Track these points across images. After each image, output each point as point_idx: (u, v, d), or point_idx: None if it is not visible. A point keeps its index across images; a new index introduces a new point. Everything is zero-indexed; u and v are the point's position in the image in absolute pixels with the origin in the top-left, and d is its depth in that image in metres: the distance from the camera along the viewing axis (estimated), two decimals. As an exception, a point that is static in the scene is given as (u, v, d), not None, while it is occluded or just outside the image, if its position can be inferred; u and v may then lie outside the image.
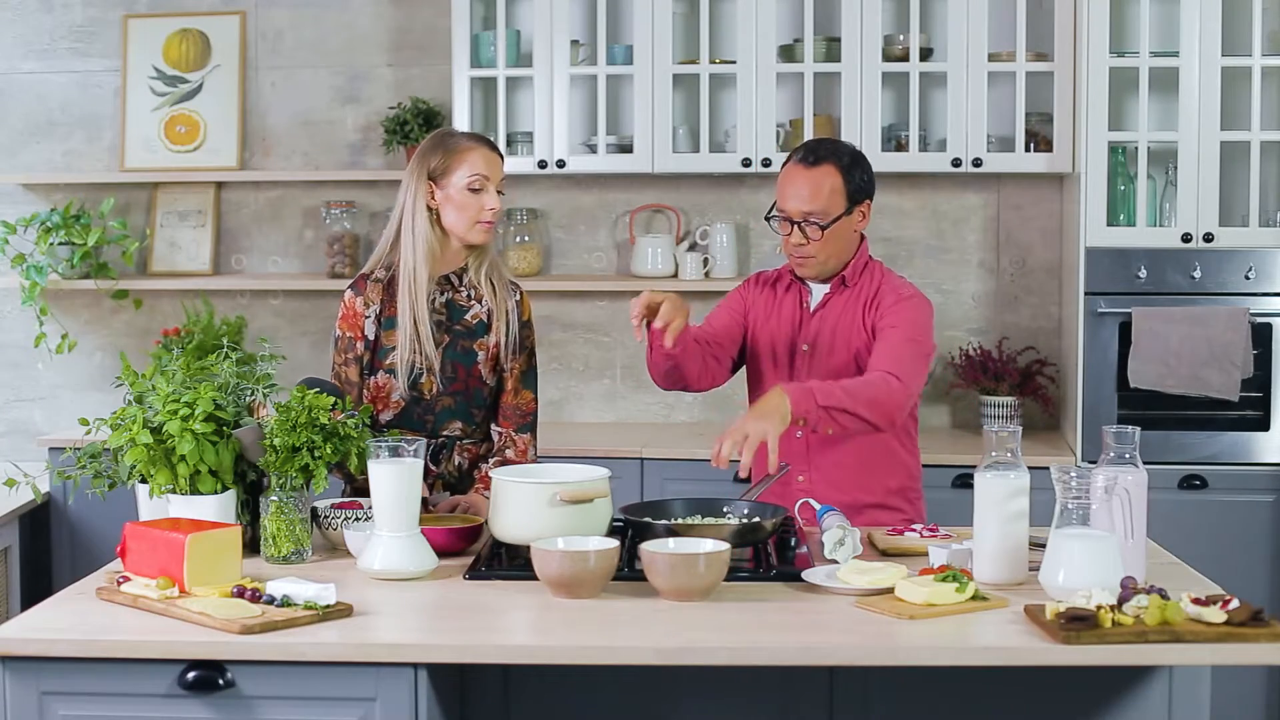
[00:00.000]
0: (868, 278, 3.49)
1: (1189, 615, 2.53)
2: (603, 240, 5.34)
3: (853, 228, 3.46)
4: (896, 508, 3.49)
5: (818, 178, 3.41)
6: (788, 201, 3.43)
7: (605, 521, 3.06)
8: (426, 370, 3.42)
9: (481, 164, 3.41)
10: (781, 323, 3.53)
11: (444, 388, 3.45)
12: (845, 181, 3.42)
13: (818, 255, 3.44)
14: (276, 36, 5.37)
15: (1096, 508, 2.72)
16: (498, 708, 2.95)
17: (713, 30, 4.99)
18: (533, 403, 3.55)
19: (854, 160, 3.46)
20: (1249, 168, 4.66)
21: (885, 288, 3.47)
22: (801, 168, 3.44)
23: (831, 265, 3.47)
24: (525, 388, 3.53)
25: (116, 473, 3.09)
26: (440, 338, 3.45)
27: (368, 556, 2.93)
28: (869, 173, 3.49)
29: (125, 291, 5.32)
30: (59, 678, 2.57)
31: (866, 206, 3.48)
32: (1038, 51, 4.87)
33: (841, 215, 3.42)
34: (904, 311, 3.41)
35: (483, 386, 3.49)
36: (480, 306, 3.49)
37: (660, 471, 4.72)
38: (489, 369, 3.50)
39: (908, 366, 3.30)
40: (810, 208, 3.40)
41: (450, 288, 3.48)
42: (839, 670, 2.87)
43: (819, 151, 3.45)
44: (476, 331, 3.48)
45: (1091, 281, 4.66)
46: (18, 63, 5.44)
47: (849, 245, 3.48)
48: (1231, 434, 4.64)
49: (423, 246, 3.42)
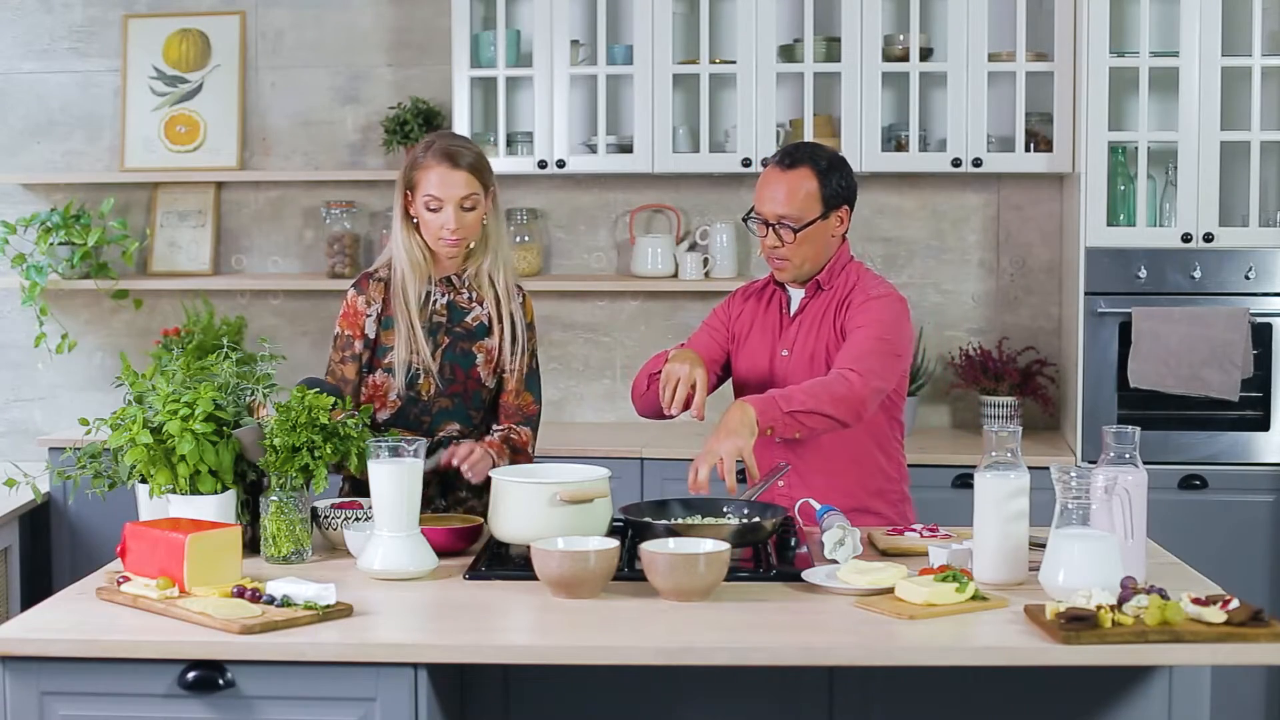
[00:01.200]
0: (843, 280, 3.48)
1: (1189, 615, 2.53)
2: (603, 240, 5.34)
3: (829, 232, 3.45)
4: (876, 511, 3.47)
5: (793, 181, 3.41)
6: (763, 204, 3.43)
7: (605, 521, 3.06)
8: (424, 371, 3.42)
9: (435, 184, 3.35)
10: (764, 331, 3.54)
11: (442, 389, 3.44)
12: (821, 186, 3.41)
13: (792, 258, 3.43)
14: (276, 36, 5.37)
15: (1096, 508, 2.72)
16: (498, 708, 2.95)
17: (713, 30, 4.99)
18: (534, 405, 3.54)
19: (832, 165, 3.45)
20: (1249, 168, 4.66)
21: (857, 288, 3.46)
22: (778, 170, 3.44)
23: (808, 269, 3.47)
24: (527, 390, 3.53)
25: (116, 473, 3.09)
26: (440, 339, 3.44)
27: (368, 556, 2.93)
28: (849, 178, 3.47)
29: (125, 291, 5.32)
30: (59, 678, 2.57)
31: (845, 212, 3.46)
32: (1038, 51, 4.87)
33: (816, 219, 3.41)
34: (872, 311, 3.39)
35: (481, 389, 3.49)
36: (482, 309, 3.48)
37: (660, 471, 4.71)
38: (488, 371, 3.49)
39: (868, 362, 3.28)
40: (785, 210, 3.40)
41: (452, 289, 3.47)
42: (839, 670, 2.87)
43: (796, 155, 3.45)
44: (477, 334, 3.47)
45: (1091, 281, 4.66)
46: (18, 63, 5.44)
47: (825, 249, 3.47)
48: (1231, 434, 4.64)
49: (403, 254, 3.41)
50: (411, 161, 3.41)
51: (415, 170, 3.39)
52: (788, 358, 3.48)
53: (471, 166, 3.38)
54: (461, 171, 3.36)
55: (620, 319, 5.33)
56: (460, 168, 3.36)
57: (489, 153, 5.01)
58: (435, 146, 3.39)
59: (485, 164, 3.43)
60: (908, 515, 3.54)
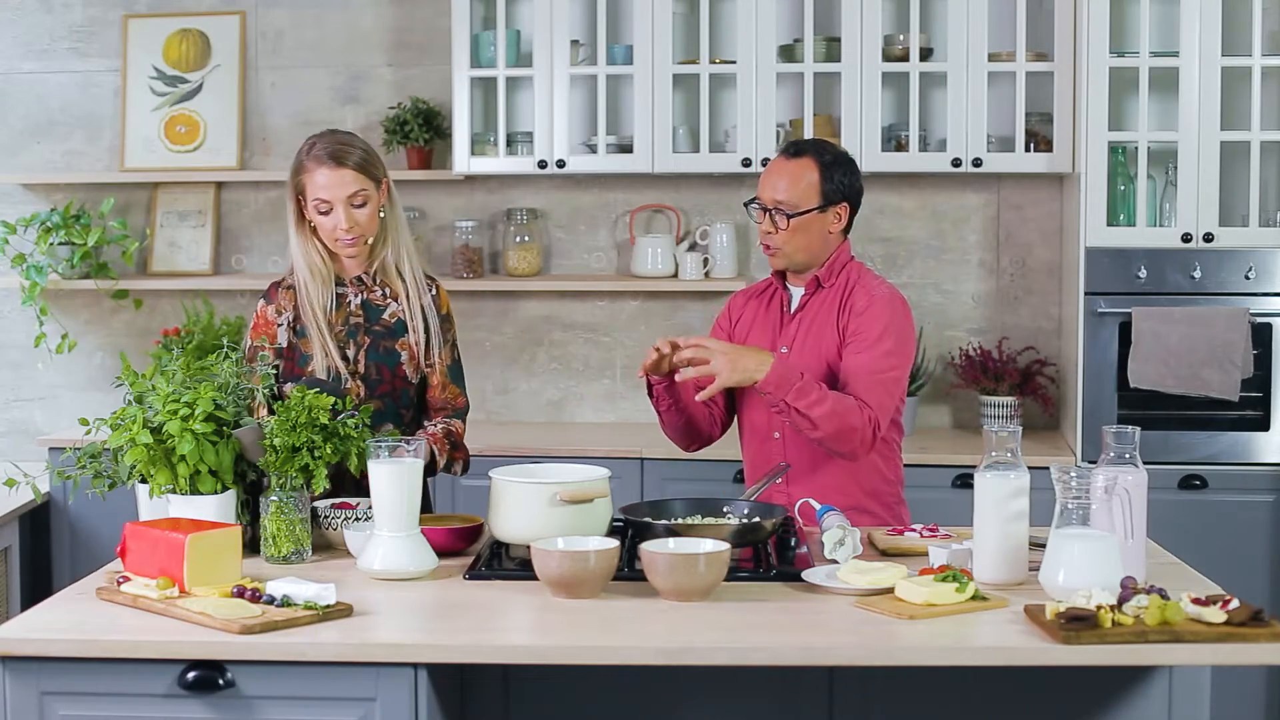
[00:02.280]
0: (843, 278, 3.49)
1: (1189, 615, 2.53)
2: (603, 240, 5.34)
3: (825, 227, 3.46)
4: (871, 511, 3.47)
5: (795, 169, 3.44)
6: (764, 190, 3.47)
7: (605, 521, 3.06)
8: (348, 376, 3.37)
9: (322, 186, 3.29)
10: (765, 329, 3.55)
11: (370, 391, 3.40)
12: (823, 179, 3.43)
13: (784, 246, 3.45)
14: (276, 36, 5.37)
15: (1096, 508, 2.72)
16: (498, 708, 2.95)
17: (713, 30, 4.99)
18: (461, 397, 3.49)
19: (837, 161, 3.47)
20: (1249, 168, 4.66)
21: (858, 288, 3.46)
22: (783, 159, 3.48)
23: (799, 259, 3.47)
24: (453, 382, 3.48)
25: (116, 473, 3.09)
26: (361, 340, 3.39)
27: (368, 556, 2.93)
28: (852, 178, 3.48)
29: (125, 291, 5.32)
30: (59, 678, 2.57)
31: (844, 209, 3.47)
32: (1038, 51, 4.87)
33: (813, 210, 3.43)
34: (878, 317, 3.40)
35: (409, 386, 3.44)
36: (397, 304, 3.43)
37: (660, 471, 4.72)
38: (413, 368, 3.43)
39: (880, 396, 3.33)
40: (783, 197, 3.43)
41: (364, 288, 3.43)
42: (839, 670, 2.87)
43: (802, 146, 3.50)
44: (396, 331, 3.42)
45: (1091, 281, 4.66)
46: (18, 63, 5.44)
47: (821, 243, 3.47)
48: (1231, 434, 4.64)
49: (302, 262, 3.37)
50: (296, 166, 3.35)
51: (300, 174, 3.34)
52: (788, 354, 3.48)
53: (357, 164, 3.32)
54: (346, 170, 3.31)
55: (620, 319, 5.33)
56: (345, 166, 3.30)
57: (489, 152, 5.06)
58: (317, 148, 3.33)
59: (371, 157, 3.36)
60: (902, 517, 3.54)
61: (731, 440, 3.67)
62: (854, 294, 3.46)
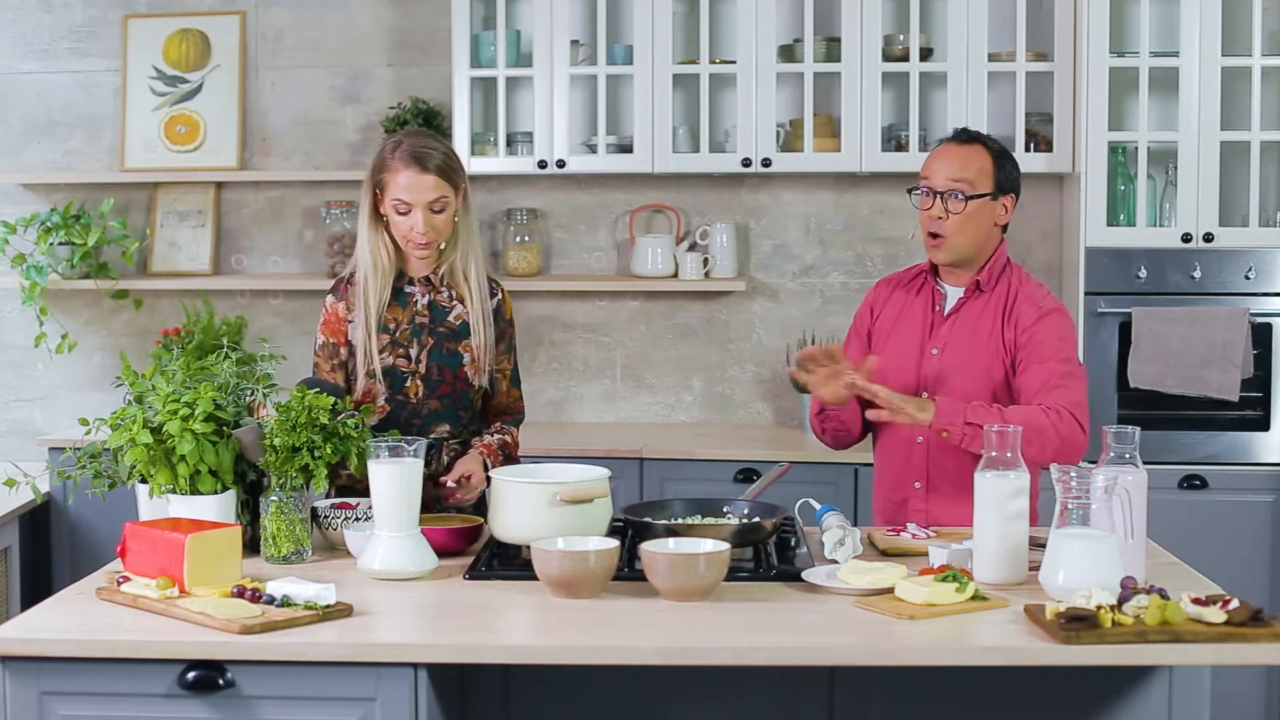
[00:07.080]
0: (1004, 284, 3.42)
1: (1189, 615, 2.53)
2: (603, 240, 5.34)
3: (993, 218, 3.40)
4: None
5: (969, 154, 3.40)
6: (935, 175, 3.40)
7: (605, 521, 3.06)
8: (410, 374, 3.40)
9: (403, 188, 3.31)
10: (911, 325, 3.46)
11: (429, 391, 3.42)
12: (995, 167, 3.40)
13: (953, 236, 3.36)
14: (276, 36, 5.37)
15: (1096, 508, 2.72)
16: (498, 708, 2.95)
17: (713, 30, 4.99)
18: (520, 401, 3.57)
19: (1003, 152, 3.44)
20: (1249, 168, 4.66)
21: (1022, 298, 3.38)
22: (954, 145, 3.44)
23: (966, 251, 3.39)
24: (514, 386, 3.55)
25: (116, 473, 3.09)
26: (425, 340, 3.42)
27: (368, 556, 2.93)
28: (1017, 172, 3.45)
29: (125, 291, 5.32)
30: (59, 678, 2.57)
31: (1011, 201, 3.42)
32: (1038, 51, 4.87)
33: (986, 195, 3.37)
34: (1051, 328, 3.33)
35: (469, 388, 3.46)
36: (462, 307, 3.45)
37: (660, 471, 4.71)
38: (475, 371, 3.46)
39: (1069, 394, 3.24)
40: (959, 175, 3.36)
41: (431, 289, 3.45)
42: (839, 670, 2.87)
43: (970, 134, 3.46)
44: (461, 333, 3.45)
45: (1091, 281, 4.66)
46: (18, 63, 5.44)
47: (985, 236, 3.40)
48: (1231, 434, 4.64)
49: (368, 255, 3.39)
50: (380, 162, 3.37)
51: (383, 172, 3.35)
52: (937, 357, 3.40)
53: (440, 169, 3.32)
54: (430, 175, 3.31)
55: (620, 319, 5.33)
56: (429, 171, 3.31)
57: (489, 152, 5.05)
58: (403, 148, 3.34)
59: (455, 163, 3.37)
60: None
61: (732, 440, 3.67)
62: (1018, 306, 3.37)
